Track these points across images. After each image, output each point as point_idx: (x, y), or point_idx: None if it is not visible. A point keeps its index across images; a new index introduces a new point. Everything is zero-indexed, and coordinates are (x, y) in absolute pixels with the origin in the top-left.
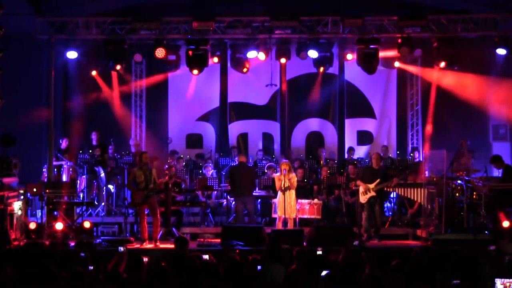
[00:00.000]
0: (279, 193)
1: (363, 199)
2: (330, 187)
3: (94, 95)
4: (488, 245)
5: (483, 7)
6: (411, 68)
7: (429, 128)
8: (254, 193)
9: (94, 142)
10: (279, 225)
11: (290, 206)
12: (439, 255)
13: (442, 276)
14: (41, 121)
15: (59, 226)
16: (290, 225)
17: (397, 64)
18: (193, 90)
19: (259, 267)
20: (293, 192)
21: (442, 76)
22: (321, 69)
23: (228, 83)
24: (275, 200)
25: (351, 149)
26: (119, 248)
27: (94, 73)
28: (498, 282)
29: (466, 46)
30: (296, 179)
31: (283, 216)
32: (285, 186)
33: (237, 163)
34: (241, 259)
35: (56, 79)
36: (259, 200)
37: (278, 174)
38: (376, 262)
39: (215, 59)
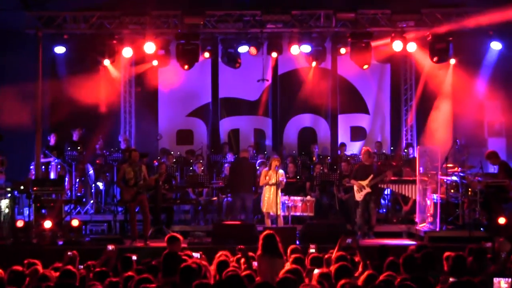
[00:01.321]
0: (264, 189)
1: (358, 196)
2: (323, 183)
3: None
4: (484, 242)
5: (478, 1)
6: None
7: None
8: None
9: (74, 138)
10: (267, 222)
11: (275, 203)
12: (434, 253)
13: (438, 274)
14: (28, 117)
15: (47, 224)
16: (280, 223)
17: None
18: (183, 86)
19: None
20: (280, 189)
21: (435, 70)
22: (314, 63)
23: (219, 78)
24: None
25: (342, 145)
26: (108, 246)
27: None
28: (502, 282)
29: (461, 40)
30: (284, 176)
31: (270, 212)
32: (276, 182)
33: (235, 158)
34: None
35: (43, 74)
36: None
37: (266, 169)
38: (370, 260)
39: (206, 54)
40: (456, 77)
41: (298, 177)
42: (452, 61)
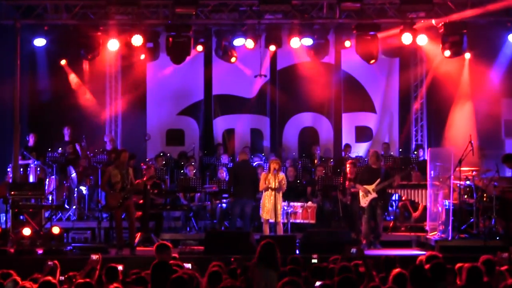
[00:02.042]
0: (264, 194)
1: (363, 202)
2: (325, 188)
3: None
4: (500, 252)
5: None
6: None
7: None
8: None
9: (66, 138)
10: (266, 230)
11: (276, 209)
12: (446, 264)
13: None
14: (5, 115)
15: (26, 231)
16: (279, 231)
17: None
18: (174, 82)
19: None
20: (280, 194)
21: (448, 65)
22: (316, 58)
23: (213, 73)
24: None
25: (347, 146)
26: (92, 256)
27: (63, 62)
28: None
29: (476, 33)
30: (285, 180)
31: (269, 219)
32: (275, 187)
33: (234, 161)
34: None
35: (22, 69)
36: None
37: (265, 172)
38: (376, 272)
39: (199, 47)
40: (471, 73)
41: (298, 181)
42: (467, 55)
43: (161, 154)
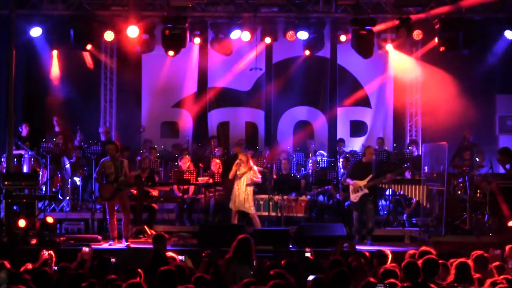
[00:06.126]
0: (235, 183)
1: (354, 197)
2: (319, 182)
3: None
4: (493, 249)
5: None
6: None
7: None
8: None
9: (56, 128)
10: (234, 220)
11: (247, 201)
12: (439, 259)
13: (441, 282)
14: (0, 105)
15: (22, 223)
16: (257, 223)
17: (390, 47)
18: (169, 74)
19: None
20: (251, 187)
21: (443, 61)
22: (311, 52)
23: (208, 66)
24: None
25: (340, 141)
26: (83, 247)
27: (55, 52)
28: None
29: (472, 29)
30: (255, 175)
31: (236, 209)
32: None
33: (226, 154)
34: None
35: (17, 59)
36: None
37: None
38: (368, 267)
39: (196, 40)
40: (465, 68)
41: (292, 174)
42: (462, 51)
43: (155, 145)
